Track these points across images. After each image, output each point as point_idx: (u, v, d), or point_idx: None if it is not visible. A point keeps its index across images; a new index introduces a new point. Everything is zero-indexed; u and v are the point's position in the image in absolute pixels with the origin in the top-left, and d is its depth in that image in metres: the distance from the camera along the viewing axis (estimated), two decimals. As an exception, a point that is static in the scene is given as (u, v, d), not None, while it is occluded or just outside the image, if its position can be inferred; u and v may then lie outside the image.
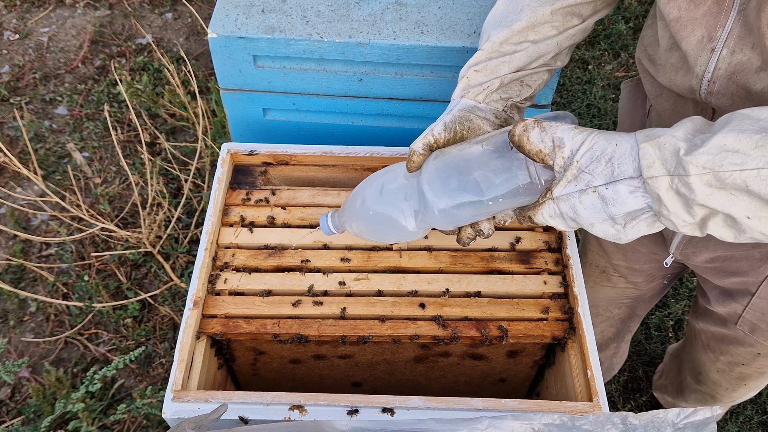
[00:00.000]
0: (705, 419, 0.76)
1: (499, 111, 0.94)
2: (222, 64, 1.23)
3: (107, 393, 1.86)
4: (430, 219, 0.88)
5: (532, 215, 0.79)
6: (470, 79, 0.95)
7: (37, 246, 2.18)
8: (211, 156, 2.20)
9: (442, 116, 0.92)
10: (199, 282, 1.06)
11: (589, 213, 0.73)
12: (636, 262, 1.30)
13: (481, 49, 0.96)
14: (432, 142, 0.88)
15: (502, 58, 0.94)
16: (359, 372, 1.20)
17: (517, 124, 0.76)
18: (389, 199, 0.91)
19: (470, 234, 0.91)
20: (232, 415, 0.92)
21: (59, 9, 2.91)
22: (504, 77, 0.94)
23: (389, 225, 0.92)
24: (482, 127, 0.91)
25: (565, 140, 0.73)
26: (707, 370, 1.38)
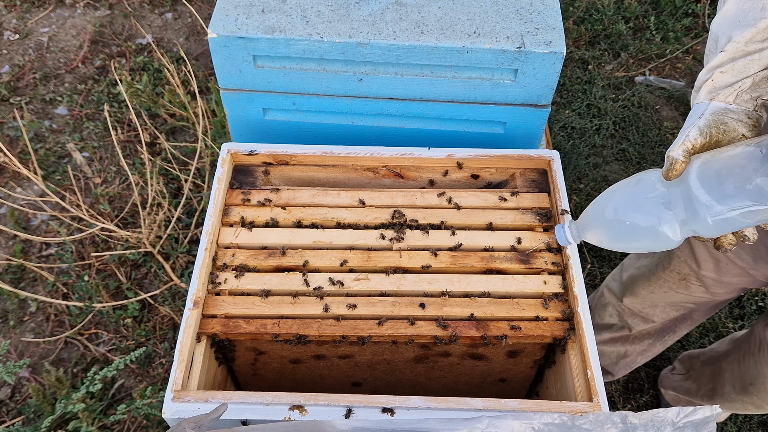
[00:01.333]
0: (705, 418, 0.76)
1: (751, 111, 0.92)
2: (222, 64, 1.23)
3: (107, 393, 1.86)
4: (697, 226, 0.86)
5: None
6: (716, 81, 0.93)
7: (37, 246, 2.18)
8: (211, 156, 2.20)
9: (694, 121, 0.91)
10: (199, 282, 1.06)
11: None
12: (726, 274, 1.28)
13: (724, 50, 0.94)
14: (690, 148, 0.87)
15: (751, 57, 0.92)
16: (359, 372, 1.20)
17: None
18: (648, 208, 0.89)
19: (732, 240, 0.89)
20: (232, 415, 0.92)
21: (59, 9, 2.91)
22: (755, 75, 0.92)
23: (649, 235, 0.90)
24: (737, 129, 0.89)
25: None
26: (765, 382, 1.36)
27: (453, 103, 1.27)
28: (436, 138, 1.34)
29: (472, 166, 1.23)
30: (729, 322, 2.04)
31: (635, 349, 1.66)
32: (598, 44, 2.82)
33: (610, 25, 2.86)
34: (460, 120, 1.31)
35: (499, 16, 1.21)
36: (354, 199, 1.18)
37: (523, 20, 1.20)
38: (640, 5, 2.93)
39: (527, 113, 1.27)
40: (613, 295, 1.58)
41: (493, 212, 1.17)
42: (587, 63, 2.75)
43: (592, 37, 2.84)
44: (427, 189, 1.21)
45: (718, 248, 0.90)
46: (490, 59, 1.18)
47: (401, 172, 1.24)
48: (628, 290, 1.51)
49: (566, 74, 2.71)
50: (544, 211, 1.17)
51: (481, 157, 1.22)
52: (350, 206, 1.17)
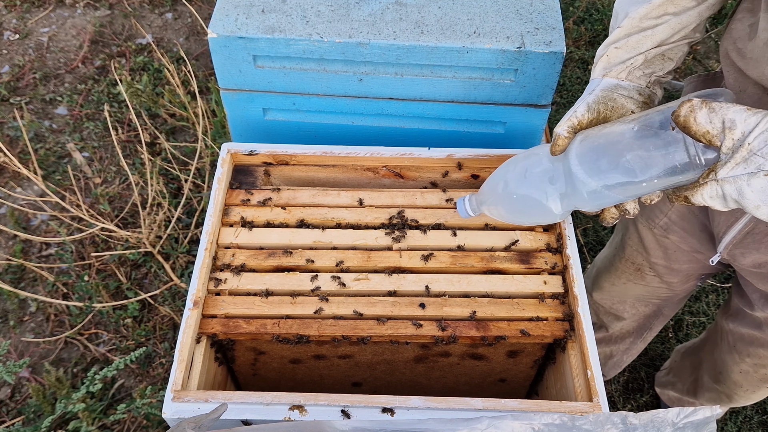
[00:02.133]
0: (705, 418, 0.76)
1: (643, 87, 0.93)
2: (222, 64, 1.23)
3: (107, 393, 1.86)
4: (577, 201, 0.89)
5: (689, 195, 0.78)
6: (611, 57, 0.94)
7: (37, 246, 2.18)
8: (211, 156, 2.20)
9: (584, 97, 0.92)
10: (199, 282, 1.06)
11: (757, 196, 0.73)
12: (676, 261, 1.29)
13: (620, 26, 0.95)
14: (576, 124, 0.88)
15: (644, 33, 0.93)
16: (359, 372, 1.20)
17: (683, 104, 0.75)
18: (534, 182, 0.92)
19: (614, 214, 0.91)
20: (232, 415, 0.92)
21: (59, 9, 2.91)
22: (647, 52, 0.93)
23: (534, 207, 0.93)
24: (626, 105, 0.90)
25: (737, 122, 0.72)
26: (729, 371, 1.38)
27: (453, 103, 1.27)
28: (436, 138, 1.34)
29: (472, 166, 1.23)
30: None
31: (619, 349, 1.68)
32: (598, 44, 2.82)
33: (610, 25, 2.86)
34: (460, 120, 1.31)
35: (499, 16, 1.21)
36: (354, 199, 1.18)
37: (523, 20, 1.20)
38: (640, 5, 2.93)
39: (527, 113, 1.27)
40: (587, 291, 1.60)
41: (493, 212, 1.17)
42: (587, 63, 2.75)
43: (592, 37, 2.84)
44: (427, 189, 1.21)
45: (602, 222, 0.92)
46: (490, 59, 1.18)
47: (401, 172, 1.24)
48: (595, 284, 1.54)
49: (566, 74, 2.71)
50: (544, 211, 1.17)
51: (481, 157, 1.22)
52: (350, 206, 1.17)
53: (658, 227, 1.25)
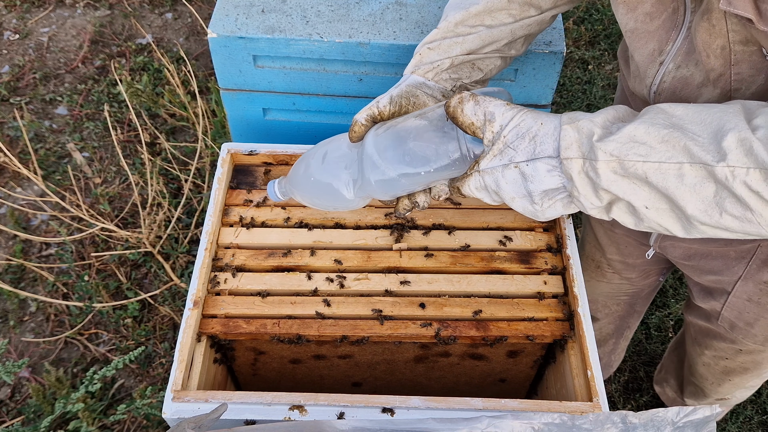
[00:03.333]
0: (704, 418, 0.76)
1: (448, 90, 0.95)
2: (222, 64, 1.23)
3: (107, 393, 1.86)
4: (367, 188, 0.89)
5: (460, 186, 0.81)
6: (423, 56, 0.96)
7: (37, 246, 2.18)
8: (211, 156, 2.20)
9: (390, 89, 0.93)
10: (199, 282, 1.06)
11: (510, 187, 0.75)
12: (629, 256, 1.30)
13: (438, 28, 0.97)
14: (376, 114, 0.90)
15: (456, 39, 0.95)
16: (359, 372, 1.20)
17: (453, 97, 0.78)
18: (330, 167, 0.93)
19: (407, 205, 0.92)
20: (232, 415, 0.92)
21: (59, 9, 2.91)
22: (455, 58, 0.95)
23: (329, 193, 0.94)
24: (428, 103, 0.92)
25: (495, 115, 0.75)
26: (695, 363, 1.40)
27: (453, 103, 1.27)
28: (436, 138, 1.34)
29: (472, 166, 1.23)
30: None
31: (604, 351, 1.69)
32: (598, 44, 2.83)
33: (610, 25, 2.86)
34: (460, 120, 1.31)
35: (499, 16, 1.21)
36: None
37: (523, 20, 1.20)
38: (640, 5, 2.93)
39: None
40: None
41: (493, 212, 1.17)
42: (587, 63, 2.75)
43: (592, 37, 2.84)
44: (427, 189, 1.21)
45: (395, 213, 0.93)
46: (490, 59, 1.18)
47: (401, 172, 1.24)
48: None
49: (566, 74, 2.71)
50: (544, 211, 1.17)
51: (481, 157, 1.22)
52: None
53: (606, 221, 1.26)
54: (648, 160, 0.66)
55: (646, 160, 0.66)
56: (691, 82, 0.82)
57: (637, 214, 0.70)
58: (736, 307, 1.11)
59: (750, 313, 1.10)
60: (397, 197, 0.91)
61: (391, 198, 0.91)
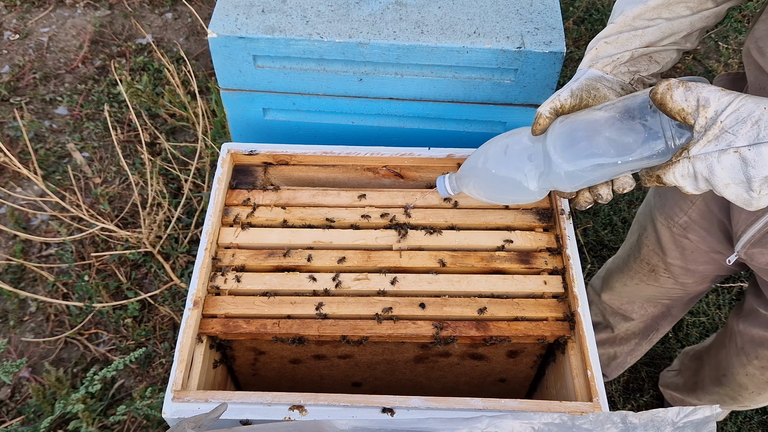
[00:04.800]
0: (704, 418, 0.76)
1: (626, 83, 0.96)
2: (222, 64, 1.23)
3: (107, 393, 1.86)
4: (553, 180, 0.90)
5: (661, 174, 0.80)
6: (599, 50, 0.97)
7: (37, 246, 2.18)
8: (211, 156, 2.20)
9: (569, 83, 0.94)
10: (199, 282, 1.06)
11: (726, 173, 0.74)
12: (693, 262, 1.29)
13: (613, 22, 0.97)
14: (558, 107, 0.91)
15: (634, 32, 0.95)
16: (359, 372, 1.20)
17: (661, 83, 0.77)
18: (513, 160, 0.94)
19: (588, 198, 0.92)
20: (232, 415, 0.92)
21: (59, 9, 2.91)
22: (634, 51, 0.95)
23: (511, 185, 0.95)
24: (608, 96, 0.93)
25: (710, 100, 0.74)
26: (735, 373, 1.38)
27: (453, 103, 1.27)
28: (436, 138, 1.34)
29: (472, 166, 1.23)
30: (729, 322, 2.04)
31: (623, 350, 1.67)
32: (598, 44, 2.82)
33: (610, 25, 2.86)
34: (460, 120, 1.31)
35: (499, 16, 1.21)
36: (354, 199, 1.18)
37: (523, 20, 1.20)
38: (640, 5, 2.93)
39: (527, 113, 1.27)
40: (594, 291, 1.60)
41: (493, 212, 1.17)
42: (587, 63, 2.75)
43: (592, 37, 2.84)
44: (426, 189, 1.21)
45: (575, 206, 0.93)
46: (490, 59, 1.18)
47: (401, 172, 1.24)
48: (605, 284, 1.53)
49: (566, 74, 2.71)
50: (544, 211, 1.17)
51: (481, 157, 1.22)
52: (350, 206, 1.17)
53: (677, 226, 1.25)
54: None
55: None
56: None
57: None
58: None
59: None
60: (577, 190, 0.92)
61: (573, 190, 0.92)
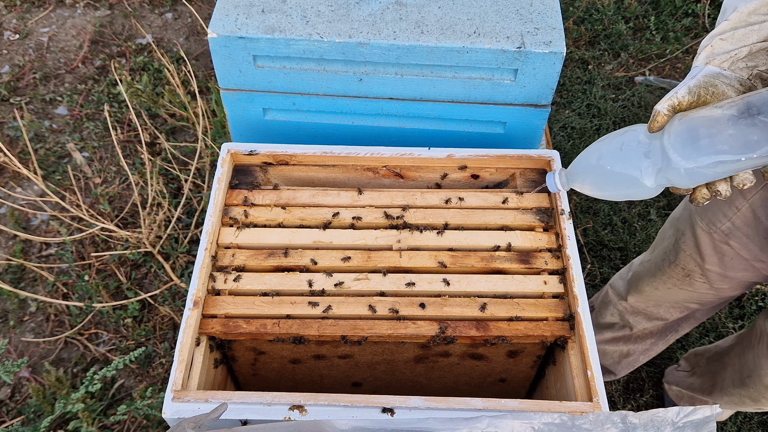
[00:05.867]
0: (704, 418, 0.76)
1: (744, 79, 0.95)
2: (222, 64, 1.23)
3: (107, 393, 1.86)
4: (672, 177, 0.91)
5: None
6: (715, 47, 0.96)
7: (37, 246, 2.18)
8: (211, 156, 2.20)
9: (686, 81, 0.94)
10: (199, 282, 1.06)
11: None
12: (732, 269, 1.28)
13: (727, 19, 0.97)
14: (676, 104, 0.90)
15: (751, 27, 0.95)
16: (359, 372, 1.20)
17: None
18: (629, 156, 0.95)
19: (706, 194, 0.92)
20: (232, 415, 0.92)
21: (59, 9, 2.91)
22: (752, 46, 0.95)
23: (627, 181, 0.96)
24: (727, 93, 0.92)
25: None
26: (763, 374, 1.37)
27: (453, 103, 1.27)
28: (436, 138, 1.34)
29: (473, 166, 1.23)
30: (729, 322, 2.04)
31: (638, 348, 1.65)
32: (598, 44, 2.82)
33: (610, 25, 2.86)
34: (460, 120, 1.31)
35: (499, 16, 1.21)
36: (354, 199, 1.18)
37: (523, 20, 1.20)
38: (640, 5, 2.93)
39: (527, 113, 1.27)
40: (617, 294, 1.58)
41: (493, 212, 1.17)
42: (587, 63, 2.75)
43: (592, 37, 2.84)
44: (427, 189, 1.21)
45: (692, 202, 0.93)
46: (490, 59, 1.18)
47: (401, 172, 1.24)
48: (633, 288, 1.51)
49: (566, 74, 2.71)
50: (544, 211, 1.17)
51: (481, 157, 1.22)
52: (350, 206, 1.17)
53: (719, 232, 1.23)
54: None
55: None
56: None
57: None
58: None
59: None
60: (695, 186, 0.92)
61: (691, 186, 0.92)
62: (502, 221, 1.16)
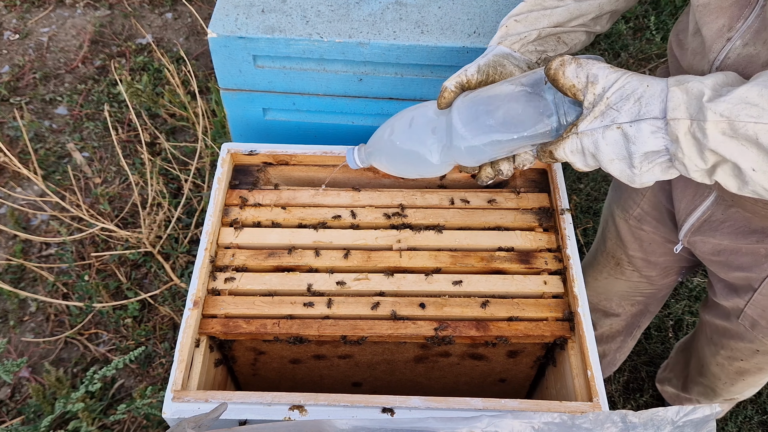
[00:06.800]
0: (704, 417, 0.76)
1: (533, 62, 0.97)
2: (222, 64, 1.23)
3: (107, 393, 1.86)
4: (455, 154, 0.91)
5: (553, 150, 0.81)
6: (509, 28, 0.97)
7: (37, 246, 2.18)
8: (211, 156, 2.20)
9: (477, 59, 0.95)
10: (199, 282, 1.06)
11: (610, 149, 0.75)
12: (652, 254, 1.30)
13: (524, 1, 0.98)
14: (464, 82, 0.91)
15: (543, 12, 0.97)
16: (359, 372, 1.20)
17: (555, 59, 0.78)
18: (417, 132, 0.94)
19: (490, 173, 0.93)
20: (232, 415, 0.92)
21: (59, 9, 2.91)
22: (542, 30, 0.96)
23: (414, 158, 0.95)
24: (514, 73, 0.94)
25: (599, 77, 0.75)
26: (708, 363, 1.39)
27: (453, 103, 1.27)
28: (436, 138, 1.34)
29: (472, 166, 1.23)
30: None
31: (611, 348, 1.69)
32: (598, 44, 2.83)
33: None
34: (460, 120, 1.31)
35: (499, 16, 1.21)
36: (354, 199, 1.18)
37: (523, 20, 1.20)
38: (640, 5, 2.93)
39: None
40: None
41: (493, 212, 1.17)
42: (587, 63, 2.75)
43: (591, 37, 2.84)
44: (427, 189, 1.21)
45: (478, 181, 0.95)
46: (490, 59, 1.18)
47: (401, 172, 1.24)
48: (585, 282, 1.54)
49: (566, 74, 2.71)
50: (544, 211, 1.17)
51: (481, 157, 1.22)
52: (350, 206, 1.17)
53: (632, 218, 1.27)
54: (760, 121, 0.66)
55: (757, 121, 0.66)
56: (756, 60, 0.82)
57: (742, 176, 0.70)
58: (760, 304, 1.10)
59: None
60: (480, 164, 0.93)
61: (475, 164, 0.93)
62: (502, 221, 1.16)
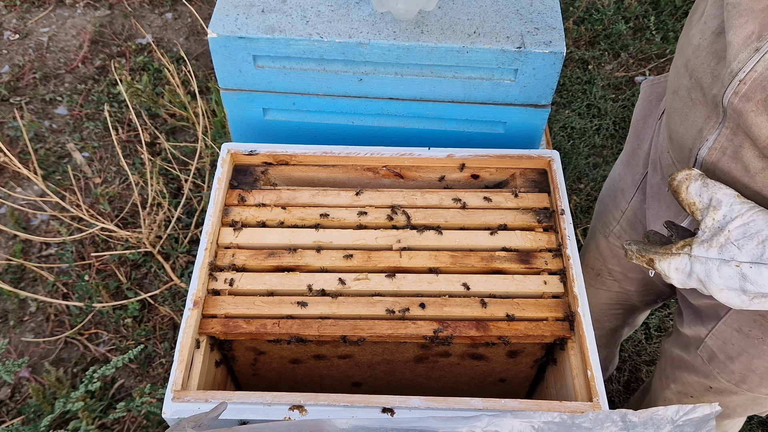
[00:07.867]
0: (704, 416, 0.76)
1: None
2: (222, 64, 1.23)
3: (107, 393, 1.86)
4: None
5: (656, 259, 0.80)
6: None
7: (37, 246, 2.18)
8: (211, 156, 2.20)
9: None
10: (199, 282, 1.06)
11: (723, 282, 0.75)
12: (630, 270, 1.30)
13: None
14: None
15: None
16: (359, 372, 1.20)
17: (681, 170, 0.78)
18: None
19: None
20: (232, 415, 0.92)
21: (59, 9, 2.91)
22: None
23: None
24: None
25: (723, 204, 0.74)
26: (656, 398, 1.36)
27: (453, 103, 1.27)
28: (436, 138, 1.34)
29: (472, 166, 1.23)
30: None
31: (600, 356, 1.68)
32: (598, 44, 2.82)
33: (610, 25, 2.86)
34: (460, 120, 1.31)
35: (499, 16, 1.21)
36: (354, 200, 1.18)
37: (523, 20, 1.20)
38: (640, 5, 2.93)
39: (527, 113, 1.27)
40: None
41: (493, 212, 1.17)
42: (587, 63, 2.75)
43: (592, 37, 2.84)
44: (427, 189, 1.22)
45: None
46: (490, 59, 1.18)
47: (401, 172, 1.24)
48: None
49: (566, 74, 2.71)
50: (544, 211, 1.17)
51: (481, 157, 1.22)
52: (350, 206, 1.18)
53: (612, 234, 1.27)
54: None
55: None
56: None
57: None
58: (722, 335, 1.06)
59: (734, 345, 1.05)
60: None
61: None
62: (502, 221, 1.16)
